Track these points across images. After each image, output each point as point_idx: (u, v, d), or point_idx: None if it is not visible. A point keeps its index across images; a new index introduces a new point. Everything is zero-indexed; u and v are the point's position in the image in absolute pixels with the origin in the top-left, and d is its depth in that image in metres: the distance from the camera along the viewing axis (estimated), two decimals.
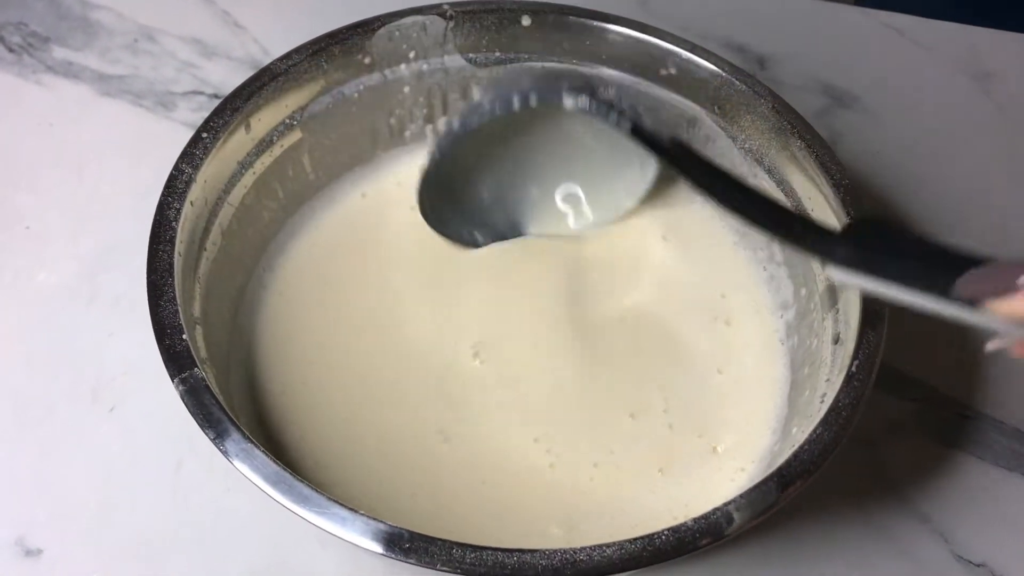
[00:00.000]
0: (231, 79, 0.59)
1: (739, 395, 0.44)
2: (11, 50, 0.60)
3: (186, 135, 0.55)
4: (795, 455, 0.33)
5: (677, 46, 0.45)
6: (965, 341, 0.50)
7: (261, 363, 0.43)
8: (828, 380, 0.37)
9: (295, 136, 0.45)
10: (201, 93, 0.59)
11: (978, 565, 0.43)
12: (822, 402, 0.37)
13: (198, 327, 0.37)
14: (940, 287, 0.29)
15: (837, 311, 0.40)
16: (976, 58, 0.64)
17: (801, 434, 0.36)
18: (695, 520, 0.31)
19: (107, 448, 0.45)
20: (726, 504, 0.32)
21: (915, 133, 0.60)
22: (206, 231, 0.40)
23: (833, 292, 0.41)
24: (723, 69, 0.45)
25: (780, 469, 0.33)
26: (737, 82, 0.44)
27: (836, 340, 0.39)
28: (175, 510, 0.43)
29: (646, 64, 0.47)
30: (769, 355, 0.45)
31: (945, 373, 0.49)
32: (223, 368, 0.41)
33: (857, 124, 0.60)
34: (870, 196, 0.56)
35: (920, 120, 0.61)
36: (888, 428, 0.47)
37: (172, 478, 0.44)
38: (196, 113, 0.58)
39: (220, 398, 0.34)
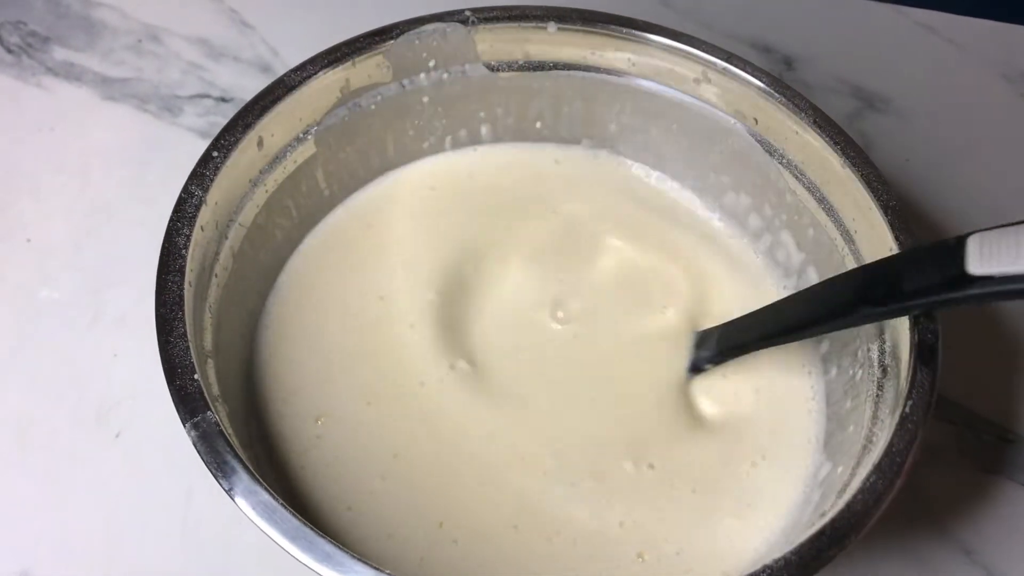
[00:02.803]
0: (239, 82, 0.57)
1: (771, 425, 0.42)
2: (10, 51, 0.58)
3: (192, 141, 0.55)
4: (848, 506, 0.31)
5: (713, 55, 0.43)
6: (1005, 361, 0.48)
7: (275, 389, 0.41)
8: (877, 418, 0.35)
9: (309, 151, 0.43)
10: (208, 96, 0.57)
11: None
12: (870, 442, 0.35)
13: (210, 360, 0.35)
14: None
15: (883, 340, 0.38)
16: (1012, 58, 0.62)
17: (848, 475, 0.35)
18: None
19: (114, 476, 0.43)
20: (776, 561, 0.30)
21: (948, 136, 0.58)
22: (216, 255, 0.38)
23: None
24: (761, 80, 0.42)
25: (833, 521, 0.31)
26: (776, 94, 0.42)
27: (884, 372, 0.37)
28: (185, 542, 0.42)
29: (679, 74, 0.44)
30: (800, 387, 0.43)
31: (985, 395, 0.48)
32: (236, 400, 0.39)
33: (888, 127, 0.58)
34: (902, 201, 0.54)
35: (954, 122, 0.59)
36: (927, 453, 0.45)
37: (182, 508, 0.42)
38: (203, 118, 0.55)
39: (234, 441, 0.32)
